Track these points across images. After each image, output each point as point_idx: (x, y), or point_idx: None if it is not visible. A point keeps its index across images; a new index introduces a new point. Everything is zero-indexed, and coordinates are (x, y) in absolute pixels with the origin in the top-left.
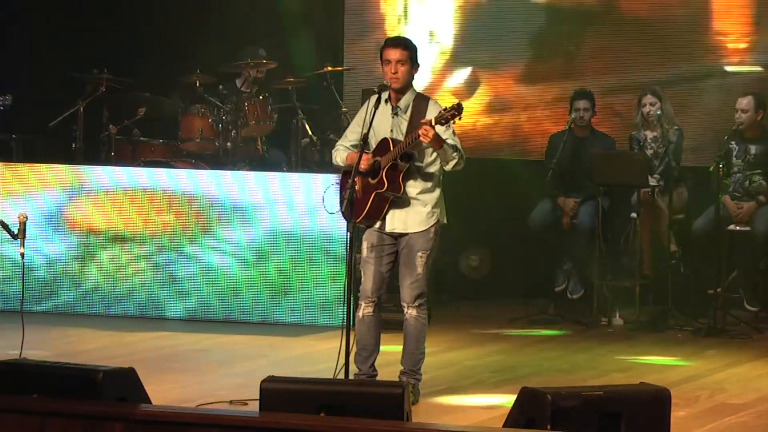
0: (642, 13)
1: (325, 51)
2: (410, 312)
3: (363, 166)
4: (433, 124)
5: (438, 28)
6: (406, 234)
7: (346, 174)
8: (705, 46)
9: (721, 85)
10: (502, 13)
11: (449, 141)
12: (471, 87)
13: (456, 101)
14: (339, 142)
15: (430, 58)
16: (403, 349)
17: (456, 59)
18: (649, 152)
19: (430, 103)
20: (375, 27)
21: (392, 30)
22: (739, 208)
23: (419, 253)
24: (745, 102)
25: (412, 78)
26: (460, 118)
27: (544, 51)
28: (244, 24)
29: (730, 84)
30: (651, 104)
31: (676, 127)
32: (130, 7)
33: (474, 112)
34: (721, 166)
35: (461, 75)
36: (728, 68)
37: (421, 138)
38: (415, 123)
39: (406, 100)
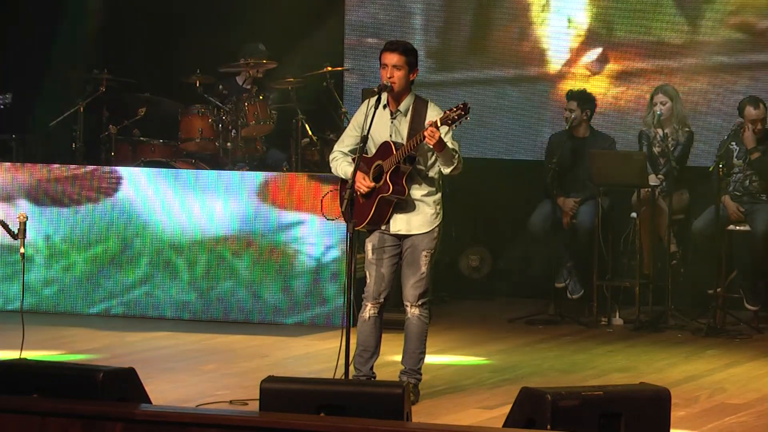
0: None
1: (325, 51)
2: (413, 311)
3: (363, 191)
4: (439, 125)
5: (575, 14)
6: (411, 235)
7: (345, 181)
8: None
9: None
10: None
11: (448, 144)
12: (601, 63)
13: (462, 102)
14: (336, 147)
15: (568, 40)
16: (404, 348)
17: (589, 40)
18: (656, 150)
19: (430, 106)
20: (520, 14)
21: (537, 17)
22: (740, 210)
23: (423, 253)
24: (756, 112)
25: (410, 82)
26: (467, 119)
27: (663, 32)
28: (244, 24)
29: None
30: (662, 103)
31: (687, 129)
32: (130, 7)
33: (605, 84)
34: (721, 166)
35: (593, 53)
36: None
37: (426, 140)
38: (415, 125)
39: (406, 103)
